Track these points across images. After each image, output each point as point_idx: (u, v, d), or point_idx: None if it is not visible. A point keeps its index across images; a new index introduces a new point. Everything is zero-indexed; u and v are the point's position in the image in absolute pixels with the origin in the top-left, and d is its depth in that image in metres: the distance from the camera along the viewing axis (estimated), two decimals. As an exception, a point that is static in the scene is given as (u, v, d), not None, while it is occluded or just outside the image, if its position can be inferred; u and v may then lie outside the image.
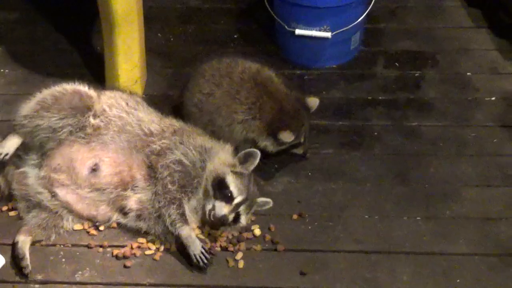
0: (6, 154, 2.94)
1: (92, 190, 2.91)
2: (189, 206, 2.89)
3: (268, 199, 3.02)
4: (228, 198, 2.85)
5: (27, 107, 2.97)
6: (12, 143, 2.94)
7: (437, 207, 3.07)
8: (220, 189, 2.85)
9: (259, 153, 2.93)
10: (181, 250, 2.87)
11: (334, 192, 3.14)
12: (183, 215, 2.85)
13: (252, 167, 2.94)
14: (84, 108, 2.96)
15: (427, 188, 3.15)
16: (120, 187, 2.91)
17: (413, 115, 3.51)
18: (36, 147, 2.96)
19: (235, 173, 2.88)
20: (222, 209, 2.84)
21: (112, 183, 2.90)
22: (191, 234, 2.83)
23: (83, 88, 3.04)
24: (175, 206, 2.84)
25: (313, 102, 3.22)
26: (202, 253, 2.80)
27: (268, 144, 3.14)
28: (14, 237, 2.88)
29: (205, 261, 2.80)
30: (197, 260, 2.79)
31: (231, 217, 2.85)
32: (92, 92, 3.04)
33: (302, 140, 3.18)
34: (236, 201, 2.86)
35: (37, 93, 3.03)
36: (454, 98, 3.60)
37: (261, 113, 3.11)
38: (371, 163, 3.27)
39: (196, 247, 2.80)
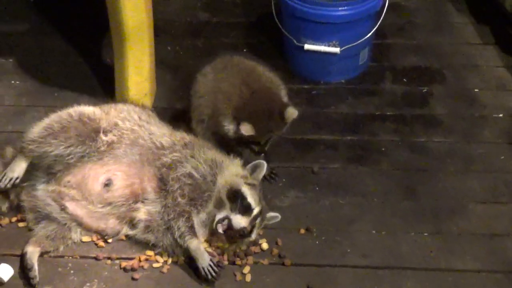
0: (17, 178, 2.95)
1: (104, 205, 2.92)
2: (198, 220, 2.90)
3: (276, 214, 3.03)
4: (246, 210, 2.86)
5: (35, 131, 2.96)
6: (21, 167, 2.95)
7: (444, 223, 3.07)
8: (236, 201, 2.85)
9: (265, 164, 2.97)
10: (189, 263, 2.87)
11: (342, 206, 3.15)
12: (192, 227, 2.86)
13: (261, 176, 2.97)
14: (92, 132, 2.96)
15: (434, 203, 3.16)
16: (131, 200, 2.92)
17: (421, 131, 3.52)
18: (44, 168, 2.97)
19: (248, 184, 2.90)
20: (240, 221, 2.84)
21: (123, 196, 2.92)
22: (200, 247, 2.84)
23: (88, 110, 3.03)
24: (184, 219, 2.85)
25: (290, 113, 3.06)
26: (210, 266, 2.80)
27: (230, 129, 3.10)
28: (23, 248, 2.89)
29: (214, 274, 2.80)
30: (206, 273, 2.80)
31: (249, 228, 2.86)
32: (97, 112, 3.03)
33: (262, 141, 3.11)
34: (255, 212, 2.87)
35: (44, 118, 3.03)
36: (461, 114, 3.62)
37: (235, 99, 3.10)
38: (378, 178, 3.28)
39: (204, 260, 2.81)
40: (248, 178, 2.93)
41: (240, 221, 2.84)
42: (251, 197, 2.87)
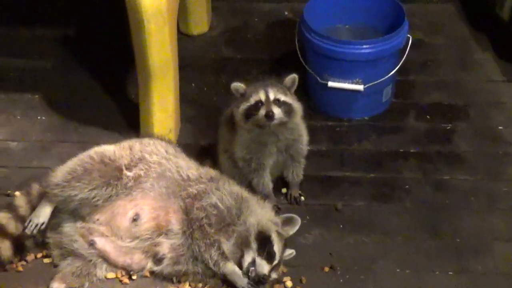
0: (42, 224, 2.98)
1: (132, 239, 2.94)
2: (226, 248, 2.91)
3: (291, 250, 3.01)
4: (270, 257, 2.85)
5: (59, 175, 2.98)
6: (46, 212, 2.99)
7: (469, 261, 3.06)
8: (264, 245, 2.85)
9: (299, 220, 2.98)
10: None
11: (365, 244, 3.14)
12: (223, 253, 2.87)
13: (291, 233, 2.97)
14: (115, 172, 2.98)
15: (458, 242, 3.14)
16: (156, 233, 2.94)
17: (445, 168, 3.51)
18: (70, 211, 3.00)
19: (278, 233, 2.90)
20: (264, 267, 2.83)
21: (149, 229, 2.94)
22: (235, 270, 2.85)
23: (109, 151, 3.05)
24: (215, 248, 2.86)
25: (289, 77, 3.19)
26: (249, 284, 2.82)
27: (237, 109, 3.14)
28: (48, 284, 2.91)
29: None
30: None
31: (268, 276, 2.86)
32: (118, 151, 3.06)
33: (263, 98, 3.08)
34: (276, 262, 2.87)
35: (67, 161, 3.05)
36: (485, 151, 3.60)
37: None
38: (402, 216, 3.27)
39: (242, 281, 2.83)
40: (279, 227, 2.94)
41: (264, 266, 2.84)
42: (277, 247, 2.87)
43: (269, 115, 3.04)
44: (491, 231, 3.19)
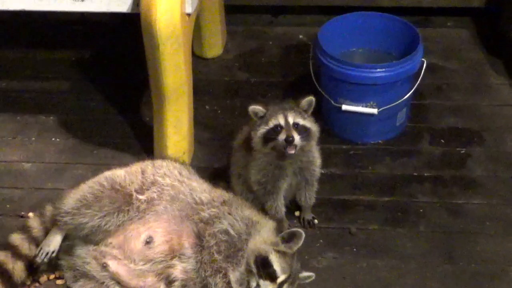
0: (53, 252, 2.99)
1: (145, 262, 2.92)
2: (233, 277, 2.89)
3: (311, 273, 2.97)
4: (272, 277, 2.81)
5: (69, 202, 2.96)
6: (56, 240, 2.99)
7: (484, 287, 3.03)
8: (263, 268, 2.81)
9: (303, 234, 2.88)
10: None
11: (379, 269, 3.12)
12: (229, 283, 2.84)
13: (296, 248, 2.88)
14: (126, 197, 2.96)
15: (473, 267, 3.12)
16: (169, 256, 2.92)
17: (459, 193, 3.49)
18: (82, 237, 2.98)
19: (278, 251, 2.85)
20: (268, 287, 2.81)
21: (163, 252, 2.92)
22: None
23: (119, 177, 3.02)
24: (221, 275, 2.84)
25: (305, 99, 3.17)
26: None
27: (255, 133, 3.12)
28: (61, 306, 2.91)
29: None
30: None
31: None
32: (128, 177, 3.03)
33: (283, 122, 3.06)
34: (280, 280, 2.82)
35: (78, 188, 3.03)
36: (500, 176, 3.58)
37: None
38: (416, 241, 3.25)
39: None
40: (279, 245, 2.87)
41: (268, 286, 2.79)
42: (278, 265, 2.81)
43: (289, 140, 3.03)
44: (506, 256, 3.17)
